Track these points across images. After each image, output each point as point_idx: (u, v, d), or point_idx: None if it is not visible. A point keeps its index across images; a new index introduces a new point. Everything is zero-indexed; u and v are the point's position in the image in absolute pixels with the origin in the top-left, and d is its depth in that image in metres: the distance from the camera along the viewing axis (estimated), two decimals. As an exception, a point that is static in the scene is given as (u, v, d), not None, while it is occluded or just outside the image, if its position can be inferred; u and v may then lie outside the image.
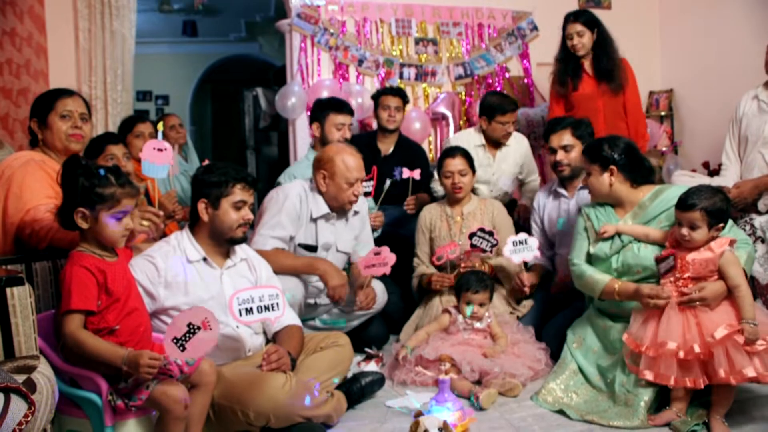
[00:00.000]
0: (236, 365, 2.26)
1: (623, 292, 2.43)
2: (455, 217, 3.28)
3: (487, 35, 5.03)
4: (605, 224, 2.55)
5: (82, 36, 4.23)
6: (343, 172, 2.88)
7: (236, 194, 2.29)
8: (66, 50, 4.24)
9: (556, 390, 2.50)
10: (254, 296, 2.17)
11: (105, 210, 1.89)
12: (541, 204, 3.32)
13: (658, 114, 5.32)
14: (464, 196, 3.26)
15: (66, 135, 2.50)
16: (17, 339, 1.57)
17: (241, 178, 2.31)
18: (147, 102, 9.01)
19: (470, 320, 2.81)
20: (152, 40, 8.31)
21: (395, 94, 3.97)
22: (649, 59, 5.42)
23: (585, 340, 2.60)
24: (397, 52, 4.83)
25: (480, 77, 4.99)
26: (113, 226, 1.91)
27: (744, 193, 3.11)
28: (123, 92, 4.36)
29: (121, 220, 1.93)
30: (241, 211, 2.30)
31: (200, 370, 1.95)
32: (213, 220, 2.29)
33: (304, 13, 4.63)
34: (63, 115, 2.50)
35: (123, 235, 1.95)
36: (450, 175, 3.21)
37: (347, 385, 2.51)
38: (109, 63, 4.27)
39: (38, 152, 2.52)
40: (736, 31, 4.63)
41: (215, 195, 2.28)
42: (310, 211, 2.95)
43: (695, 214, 2.23)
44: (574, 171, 3.13)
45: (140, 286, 2.12)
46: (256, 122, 7.00)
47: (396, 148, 4.06)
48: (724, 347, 2.13)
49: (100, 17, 4.26)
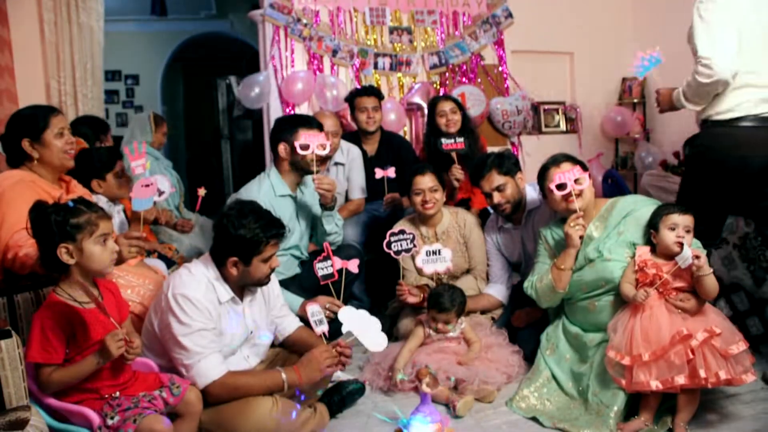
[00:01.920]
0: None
1: (561, 260, 2.60)
2: (430, 238, 3.30)
3: (462, 23, 5.01)
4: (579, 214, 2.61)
5: (48, 29, 4.11)
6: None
7: (268, 251, 2.25)
8: (31, 44, 4.12)
9: (530, 397, 2.59)
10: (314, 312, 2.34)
11: (87, 237, 1.88)
12: (494, 240, 3.31)
13: (631, 101, 5.39)
14: (435, 213, 3.25)
15: (62, 152, 2.52)
16: (7, 391, 1.59)
17: (275, 234, 2.25)
18: (116, 82, 8.80)
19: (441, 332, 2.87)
20: (120, 18, 8.09)
21: (370, 94, 3.93)
22: (622, 46, 5.46)
23: (558, 347, 2.69)
24: (371, 41, 4.80)
25: (455, 66, 4.98)
26: (100, 252, 1.90)
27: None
28: (93, 87, 4.28)
29: (105, 243, 1.92)
30: (271, 261, 2.28)
31: (186, 399, 1.98)
32: (243, 274, 2.26)
33: (276, 3, 4.56)
34: (58, 132, 2.51)
35: (111, 260, 1.94)
36: (420, 193, 3.19)
37: (328, 396, 2.57)
38: (78, 57, 4.18)
39: (28, 172, 2.50)
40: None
41: (248, 254, 2.22)
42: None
43: (687, 218, 2.41)
44: (515, 206, 3.12)
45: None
46: (230, 110, 6.92)
47: (381, 147, 4.06)
48: (702, 350, 2.23)
49: (65, 9, 4.14)
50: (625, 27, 5.49)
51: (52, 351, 1.81)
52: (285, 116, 3.36)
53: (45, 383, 1.83)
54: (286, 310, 2.61)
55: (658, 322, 2.31)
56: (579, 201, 2.60)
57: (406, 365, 2.76)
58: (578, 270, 2.62)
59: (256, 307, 2.42)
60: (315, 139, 2.97)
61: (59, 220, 1.87)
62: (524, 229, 3.20)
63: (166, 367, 2.22)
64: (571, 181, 2.59)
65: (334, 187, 3.06)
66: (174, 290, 2.15)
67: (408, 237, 3.00)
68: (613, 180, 4.10)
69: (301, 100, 4.64)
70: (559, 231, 2.71)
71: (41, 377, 1.82)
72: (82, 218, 1.88)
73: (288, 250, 3.18)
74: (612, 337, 2.39)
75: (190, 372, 2.13)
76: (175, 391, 1.94)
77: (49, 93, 4.12)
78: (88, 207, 1.93)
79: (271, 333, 2.52)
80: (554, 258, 2.70)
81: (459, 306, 2.87)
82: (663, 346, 2.25)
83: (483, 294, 3.25)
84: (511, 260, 3.30)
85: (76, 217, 1.88)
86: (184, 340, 2.12)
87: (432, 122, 3.87)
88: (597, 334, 2.56)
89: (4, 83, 3.96)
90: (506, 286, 3.28)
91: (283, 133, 3.08)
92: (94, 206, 1.95)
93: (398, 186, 3.72)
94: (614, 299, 2.53)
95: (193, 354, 2.12)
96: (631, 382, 2.30)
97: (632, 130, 5.31)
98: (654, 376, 2.26)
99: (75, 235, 1.87)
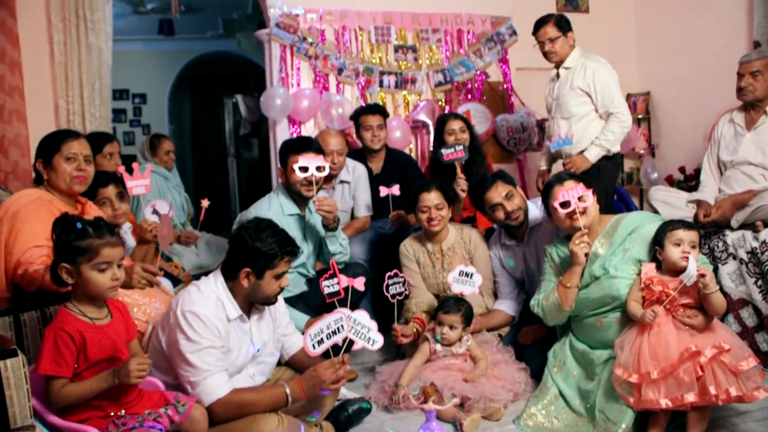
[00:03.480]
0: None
1: (566, 278, 2.59)
2: (436, 254, 3.29)
3: (467, 41, 5.05)
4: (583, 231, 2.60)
5: (57, 50, 4.17)
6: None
7: (281, 267, 2.27)
8: (41, 65, 4.18)
9: (537, 415, 2.57)
10: (322, 328, 2.25)
11: (85, 263, 1.88)
12: (498, 256, 3.31)
13: (636, 117, 5.38)
14: (441, 230, 3.24)
15: (70, 177, 2.55)
16: (12, 411, 1.58)
17: (288, 251, 2.28)
18: (124, 101, 8.90)
19: (446, 346, 2.85)
20: (128, 37, 8.19)
21: (375, 112, 3.95)
22: (626, 62, 5.48)
23: (565, 365, 2.67)
24: (376, 59, 4.84)
25: (459, 84, 5.01)
26: (96, 279, 1.89)
27: (726, 212, 3.18)
28: (101, 106, 4.32)
29: (105, 271, 1.90)
30: (281, 280, 2.30)
31: (191, 417, 1.98)
32: (253, 288, 2.27)
33: (282, 22, 4.61)
34: (68, 157, 2.55)
35: (110, 287, 1.92)
36: (426, 210, 3.19)
37: (335, 414, 2.55)
38: (86, 77, 4.22)
39: (45, 191, 2.56)
40: (712, 34, 4.70)
41: (261, 266, 2.24)
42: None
43: (693, 234, 2.42)
44: (526, 213, 3.15)
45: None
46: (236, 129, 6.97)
47: (386, 164, 4.07)
48: (711, 367, 2.21)
49: (75, 30, 4.19)
50: (628, 43, 5.51)
51: (63, 364, 1.82)
52: (287, 140, 3.40)
53: (56, 397, 1.82)
54: (291, 328, 2.61)
55: (666, 339, 2.29)
56: (583, 218, 2.60)
57: (412, 382, 2.74)
58: (584, 287, 2.61)
59: (263, 326, 2.42)
60: (314, 161, 3.01)
61: (64, 241, 1.88)
62: (526, 247, 3.20)
63: (173, 384, 2.22)
64: (574, 198, 2.59)
65: (334, 208, 3.10)
66: (183, 307, 2.16)
67: (400, 280, 2.96)
68: (619, 196, 4.09)
69: (307, 118, 4.67)
70: (564, 249, 2.71)
71: (52, 390, 1.82)
72: (84, 242, 1.87)
73: (295, 268, 3.19)
74: (619, 355, 2.37)
75: (195, 389, 2.13)
76: (180, 408, 1.94)
77: (58, 112, 4.17)
78: (97, 231, 1.91)
79: (278, 351, 2.52)
80: (560, 276, 2.70)
81: (465, 312, 2.87)
82: (672, 363, 2.23)
83: (494, 310, 3.25)
84: (515, 277, 3.29)
85: (79, 239, 1.88)
86: (191, 357, 2.12)
87: (440, 139, 3.88)
88: (604, 351, 2.54)
89: (14, 103, 4.02)
90: (516, 301, 3.27)
91: (281, 156, 3.19)
92: (104, 231, 1.92)
93: (404, 203, 3.72)
94: (621, 316, 2.51)
95: (200, 371, 2.13)
96: (640, 399, 2.28)
97: (637, 146, 5.30)
98: (663, 393, 2.24)
99: (75, 257, 1.87)
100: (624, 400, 2.34)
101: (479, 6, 5.07)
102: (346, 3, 4.76)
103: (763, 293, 3.02)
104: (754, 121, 3.28)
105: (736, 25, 4.48)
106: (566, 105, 3.71)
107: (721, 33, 4.61)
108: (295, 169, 3.02)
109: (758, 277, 3.03)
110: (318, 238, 3.27)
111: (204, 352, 2.13)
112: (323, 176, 3.09)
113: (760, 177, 3.21)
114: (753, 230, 3.09)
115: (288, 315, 2.62)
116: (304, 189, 3.07)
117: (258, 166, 7.17)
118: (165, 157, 4.57)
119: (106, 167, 3.38)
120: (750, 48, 4.23)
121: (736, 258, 3.11)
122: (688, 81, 4.98)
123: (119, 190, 2.93)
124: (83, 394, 1.84)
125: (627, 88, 5.46)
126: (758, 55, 3.21)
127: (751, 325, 3.06)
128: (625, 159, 5.50)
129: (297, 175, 3.02)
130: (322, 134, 3.82)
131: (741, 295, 3.09)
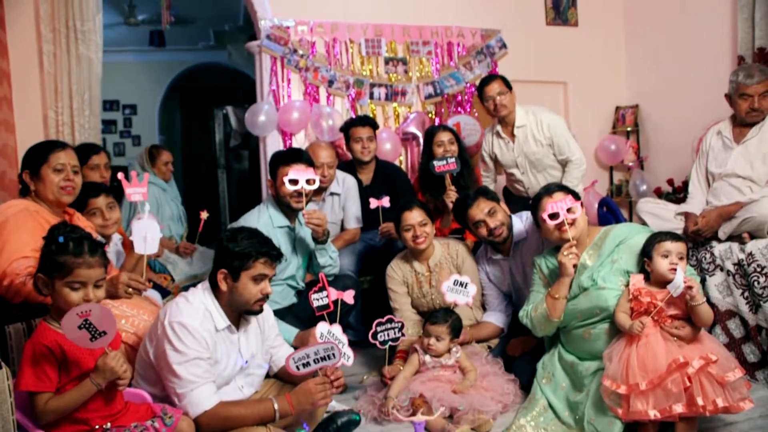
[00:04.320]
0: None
1: (555, 289, 2.60)
2: (424, 273, 3.28)
3: (457, 54, 5.07)
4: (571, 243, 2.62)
5: (47, 60, 4.14)
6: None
7: (257, 268, 2.25)
8: (30, 75, 4.15)
9: (526, 427, 2.56)
10: (309, 354, 2.25)
11: (59, 279, 1.86)
12: (485, 270, 3.31)
13: (624, 129, 5.43)
14: (427, 247, 3.23)
15: (57, 188, 2.55)
16: (-6, 424, 1.57)
17: (264, 252, 2.27)
18: (114, 112, 8.89)
19: (435, 357, 2.84)
20: (119, 48, 8.19)
21: (365, 124, 3.96)
22: (615, 75, 5.54)
23: (554, 376, 2.67)
24: (367, 72, 4.85)
25: (450, 96, 5.04)
26: (67, 296, 1.86)
27: (711, 222, 3.21)
28: (91, 117, 4.29)
29: (77, 290, 1.87)
30: (261, 284, 2.27)
31: (178, 430, 1.96)
32: (231, 291, 2.26)
33: (273, 34, 4.62)
34: (56, 168, 2.55)
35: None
36: (410, 228, 3.17)
37: (324, 426, 2.54)
38: (76, 88, 4.20)
39: (32, 202, 2.55)
40: (700, 47, 4.75)
41: (236, 267, 2.24)
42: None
43: (681, 245, 2.44)
44: (509, 229, 3.15)
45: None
46: (227, 140, 6.97)
47: (375, 176, 4.08)
48: (699, 378, 2.22)
49: (65, 41, 4.18)
50: (617, 56, 5.56)
51: (45, 379, 1.80)
52: (277, 151, 3.40)
53: (42, 412, 1.80)
54: (280, 340, 2.60)
55: (654, 351, 2.30)
56: (572, 230, 2.61)
57: (401, 393, 2.73)
58: (573, 298, 2.62)
59: (252, 337, 2.41)
60: (304, 174, 3.01)
61: (44, 252, 1.88)
62: (512, 261, 3.20)
63: (160, 395, 2.21)
64: (563, 210, 2.61)
65: (324, 221, 3.09)
66: (171, 318, 2.15)
67: (396, 326, 2.83)
68: (608, 208, 4.11)
69: (297, 130, 4.67)
70: (553, 260, 2.72)
71: (37, 406, 1.80)
72: (60, 259, 1.85)
73: (285, 280, 3.18)
74: (608, 366, 2.38)
75: (182, 401, 2.11)
76: (167, 421, 1.92)
77: (47, 123, 4.14)
78: (77, 248, 1.87)
79: (266, 363, 2.50)
80: (549, 287, 2.70)
81: (452, 324, 2.85)
82: (660, 375, 2.24)
83: (483, 322, 3.25)
84: (502, 290, 3.30)
85: (57, 255, 1.86)
86: (178, 369, 2.11)
87: (429, 151, 3.90)
88: (593, 362, 2.55)
89: (3, 114, 3.99)
90: (505, 313, 3.27)
91: (271, 168, 3.19)
92: (84, 250, 1.88)
93: (393, 215, 3.72)
94: (609, 327, 2.52)
95: (186, 383, 2.11)
96: (628, 411, 2.28)
97: (626, 158, 5.34)
98: (652, 405, 2.25)
99: (51, 271, 1.87)
100: (612, 412, 2.34)
101: (469, 19, 5.10)
102: (336, 15, 4.79)
103: (749, 305, 3.03)
104: (743, 134, 3.32)
105: (721, 40, 4.53)
106: (541, 161, 3.94)
107: (707, 48, 4.66)
108: (284, 182, 3.02)
109: (745, 288, 3.05)
110: (308, 250, 3.26)
111: (191, 364, 2.12)
112: (313, 189, 3.09)
113: (747, 189, 3.24)
114: (740, 242, 3.11)
115: (277, 327, 2.61)
116: (294, 201, 3.07)
117: (248, 178, 7.17)
118: (163, 168, 4.57)
119: (92, 178, 3.37)
120: (735, 63, 4.29)
121: (723, 269, 3.13)
122: (676, 94, 5.03)
123: (110, 200, 2.92)
124: (68, 406, 1.82)
125: (616, 101, 5.53)
126: (760, 77, 3.21)
127: (738, 337, 3.08)
128: (614, 171, 5.54)
129: (287, 188, 3.02)
130: (312, 147, 3.83)
131: (728, 306, 3.11)
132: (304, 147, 3.95)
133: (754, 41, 4.11)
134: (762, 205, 3.04)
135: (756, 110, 3.23)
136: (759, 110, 3.23)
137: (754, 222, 3.06)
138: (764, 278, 2.96)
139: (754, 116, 3.25)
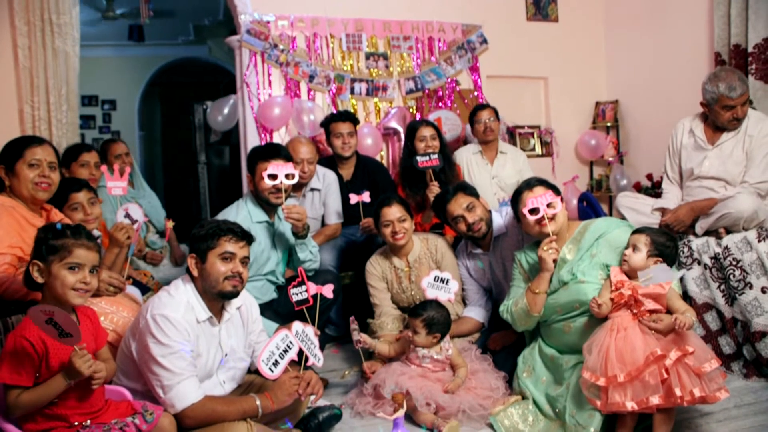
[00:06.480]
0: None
1: (535, 284, 2.63)
2: (403, 268, 3.28)
3: (438, 49, 5.08)
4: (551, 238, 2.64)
5: (22, 54, 4.08)
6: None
7: (223, 246, 2.26)
8: (5, 69, 4.09)
9: (513, 414, 2.58)
10: (272, 350, 2.27)
11: (57, 261, 1.90)
12: (465, 265, 3.32)
13: (605, 124, 5.48)
14: (406, 243, 3.23)
15: (32, 183, 2.53)
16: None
17: (227, 230, 2.29)
18: (93, 107, 8.77)
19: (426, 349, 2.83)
20: (97, 43, 8.08)
21: (345, 119, 3.94)
22: (595, 70, 5.59)
23: (534, 370, 2.69)
24: (348, 67, 4.84)
25: (431, 91, 5.04)
26: (65, 278, 1.89)
27: (680, 216, 3.27)
28: (68, 112, 4.24)
29: (75, 271, 1.90)
30: (229, 263, 2.27)
31: (159, 426, 1.96)
32: (202, 274, 2.27)
33: (253, 29, 4.59)
34: (31, 163, 2.52)
35: (76, 289, 1.91)
36: (389, 224, 3.16)
37: (305, 421, 2.54)
38: (53, 82, 4.14)
39: (8, 198, 2.52)
40: (678, 44, 4.80)
41: (203, 248, 2.26)
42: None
43: (641, 237, 2.48)
44: (487, 225, 3.15)
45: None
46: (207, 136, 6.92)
47: (356, 172, 4.08)
48: (676, 369, 2.25)
49: (40, 34, 4.12)
50: (597, 52, 5.61)
51: (23, 373, 1.79)
52: (256, 146, 3.36)
53: (12, 406, 1.80)
54: (264, 336, 2.59)
55: (633, 343, 2.32)
56: (552, 225, 2.63)
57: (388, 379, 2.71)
58: (553, 293, 2.64)
59: (233, 330, 2.40)
60: (282, 169, 3.00)
61: (40, 237, 1.92)
62: (492, 255, 3.22)
63: (141, 391, 2.20)
64: (543, 205, 2.63)
65: (304, 216, 3.08)
66: (153, 311, 2.15)
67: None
68: (588, 202, 4.15)
69: (278, 125, 4.65)
70: (533, 255, 2.74)
71: (8, 399, 1.79)
72: (58, 241, 1.90)
73: (264, 275, 3.17)
74: (587, 358, 2.40)
75: (167, 394, 2.10)
76: (148, 417, 1.91)
77: (23, 118, 4.08)
78: (75, 234, 1.94)
79: (248, 357, 2.50)
80: (529, 282, 2.72)
81: (426, 319, 2.79)
82: (638, 367, 2.27)
83: (464, 317, 3.25)
84: (482, 285, 3.31)
85: (55, 239, 1.91)
86: (163, 361, 2.10)
87: (410, 146, 3.90)
88: (572, 355, 2.57)
89: (-23, 108, 3.93)
90: (485, 308, 3.28)
91: (249, 163, 3.16)
92: (80, 234, 1.95)
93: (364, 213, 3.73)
94: (589, 321, 2.54)
95: (171, 375, 2.11)
96: (607, 402, 2.31)
97: (606, 153, 5.39)
98: (629, 396, 2.27)
99: (47, 255, 1.90)
100: (591, 403, 2.37)
101: (450, 14, 5.11)
102: (317, 10, 4.77)
103: (725, 297, 3.08)
104: (717, 137, 3.37)
105: (698, 37, 4.59)
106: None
107: (685, 44, 4.72)
108: (263, 177, 3.01)
109: (721, 281, 3.10)
110: (287, 245, 3.25)
111: (175, 356, 2.11)
112: (292, 184, 3.08)
113: (721, 189, 3.30)
114: (716, 237, 3.16)
115: (261, 322, 2.60)
116: (273, 197, 3.06)
117: (229, 173, 7.12)
118: (115, 161, 4.07)
119: (81, 176, 3.33)
120: (712, 59, 4.34)
121: (701, 263, 3.18)
122: (655, 90, 5.08)
123: (91, 195, 2.91)
124: (39, 400, 1.81)
125: (596, 96, 5.57)
126: (742, 87, 3.21)
127: (715, 329, 3.13)
128: (595, 166, 5.59)
129: (265, 183, 3.02)
130: (292, 142, 3.81)
131: (705, 299, 3.16)
132: (284, 143, 3.93)
133: (730, 38, 4.17)
134: (738, 201, 3.09)
135: (739, 119, 3.28)
136: (741, 119, 3.28)
137: (731, 218, 3.11)
138: (739, 271, 3.02)
139: (736, 124, 3.30)
